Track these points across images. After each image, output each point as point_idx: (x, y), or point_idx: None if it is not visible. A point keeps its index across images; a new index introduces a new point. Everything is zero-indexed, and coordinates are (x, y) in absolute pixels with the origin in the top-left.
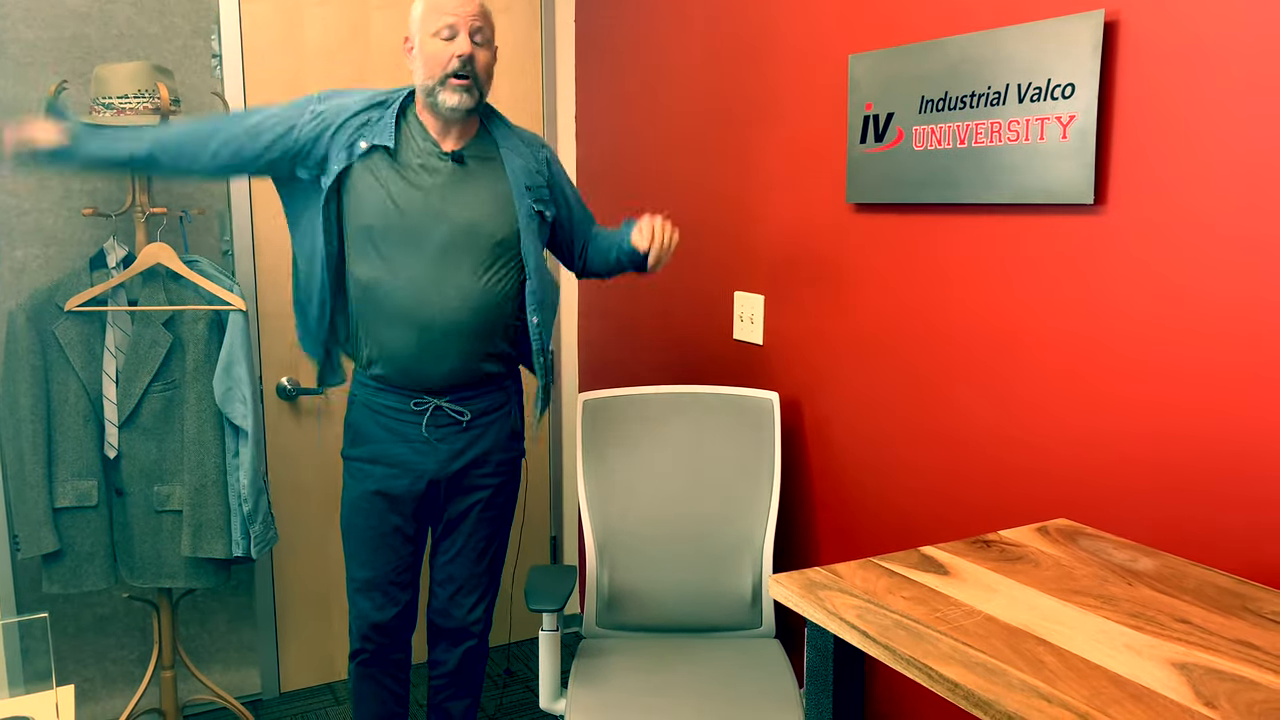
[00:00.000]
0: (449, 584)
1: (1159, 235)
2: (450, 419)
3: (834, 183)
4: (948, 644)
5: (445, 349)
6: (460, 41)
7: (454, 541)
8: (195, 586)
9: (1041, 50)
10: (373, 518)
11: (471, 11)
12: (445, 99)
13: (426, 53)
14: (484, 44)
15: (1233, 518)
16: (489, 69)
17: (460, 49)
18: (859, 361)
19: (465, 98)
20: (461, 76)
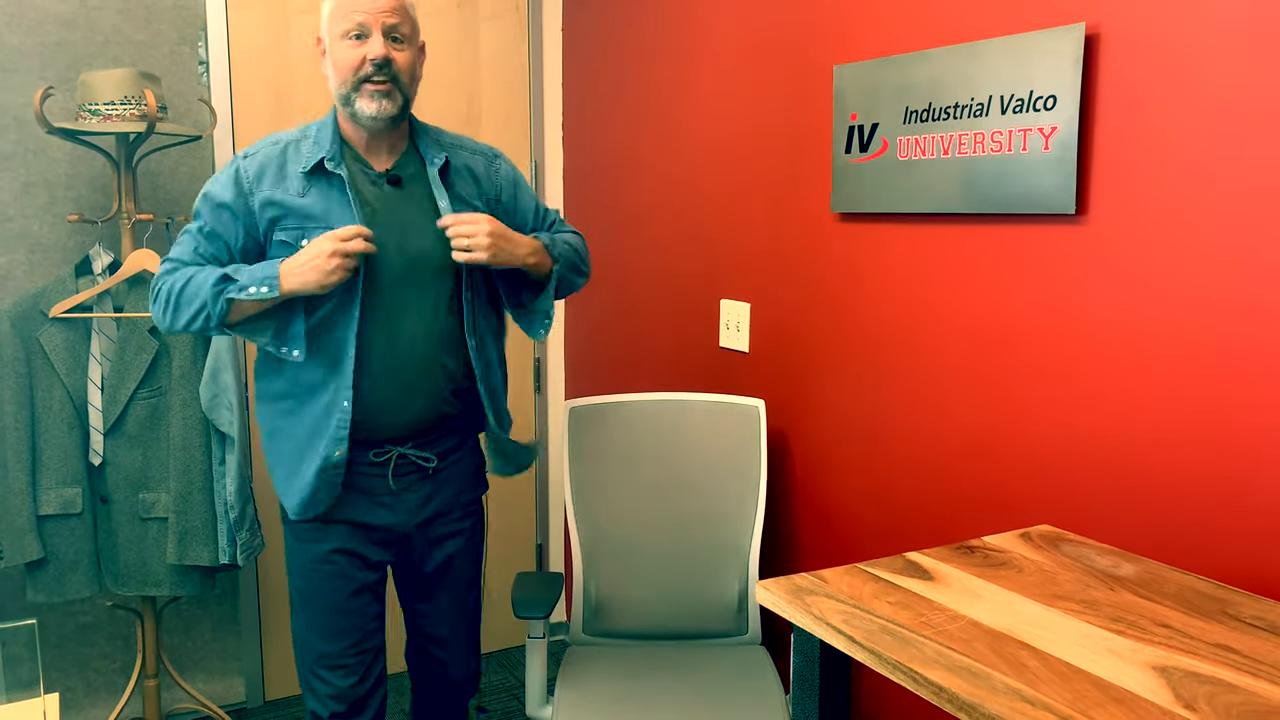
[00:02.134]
0: (438, 644)
1: (1139, 244)
2: (415, 467)
3: (819, 192)
4: (932, 648)
5: (409, 395)
6: (373, 43)
7: (437, 601)
8: (180, 594)
9: (1023, 62)
10: (338, 579)
11: (383, 7)
12: (363, 107)
13: (336, 57)
14: (403, 43)
15: (1213, 523)
16: (412, 71)
17: (373, 51)
18: (844, 369)
19: (386, 104)
20: (379, 80)
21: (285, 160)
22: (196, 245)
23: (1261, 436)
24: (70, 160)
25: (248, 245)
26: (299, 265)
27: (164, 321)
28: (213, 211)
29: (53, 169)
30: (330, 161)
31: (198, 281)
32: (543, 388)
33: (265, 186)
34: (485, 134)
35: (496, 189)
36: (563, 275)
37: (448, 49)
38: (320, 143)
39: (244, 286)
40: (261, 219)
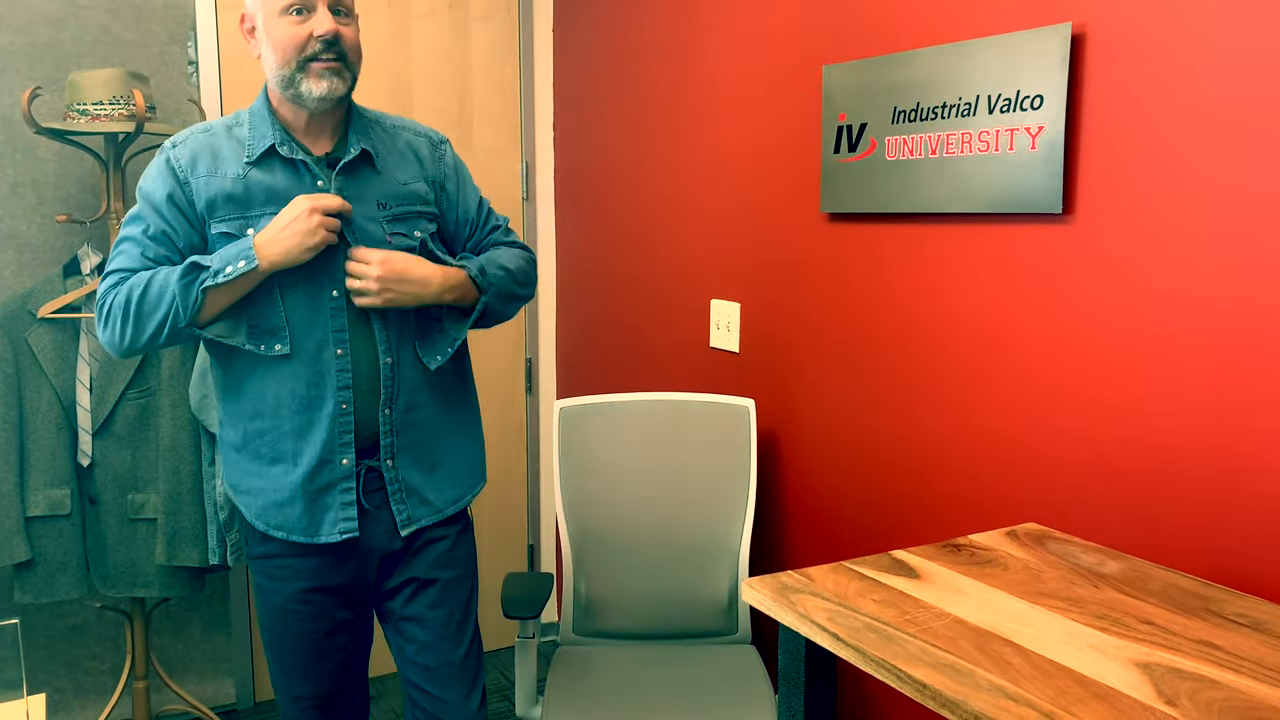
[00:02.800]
0: (433, 679)
1: (1126, 243)
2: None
3: (809, 192)
4: (916, 646)
5: (371, 398)
6: (319, 18)
7: (424, 625)
8: (169, 596)
9: (1010, 62)
10: (312, 620)
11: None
12: (311, 87)
13: (275, 35)
14: (348, 16)
15: (1198, 520)
16: (357, 47)
17: (320, 27)
18: (834, 369)
19: (336, 82)
20: (327, 58)
21: (218, 146)
22: (143, 249)
23: (1248, 435)
24: (59, 160)
25: (195, 240)
26: (275, 232)
27: (120, 341)
28: (153, 210)
29: (41, 169)
30: (283, 147)
31: (159, 282)
32: (534, 388)
33: (201, 170)
34: (477, 134)
35: (441, 175)
36: (489, 305)
37: (440, 50)
38: (258, 129)
39: (219, 269)
40: (202, 208)
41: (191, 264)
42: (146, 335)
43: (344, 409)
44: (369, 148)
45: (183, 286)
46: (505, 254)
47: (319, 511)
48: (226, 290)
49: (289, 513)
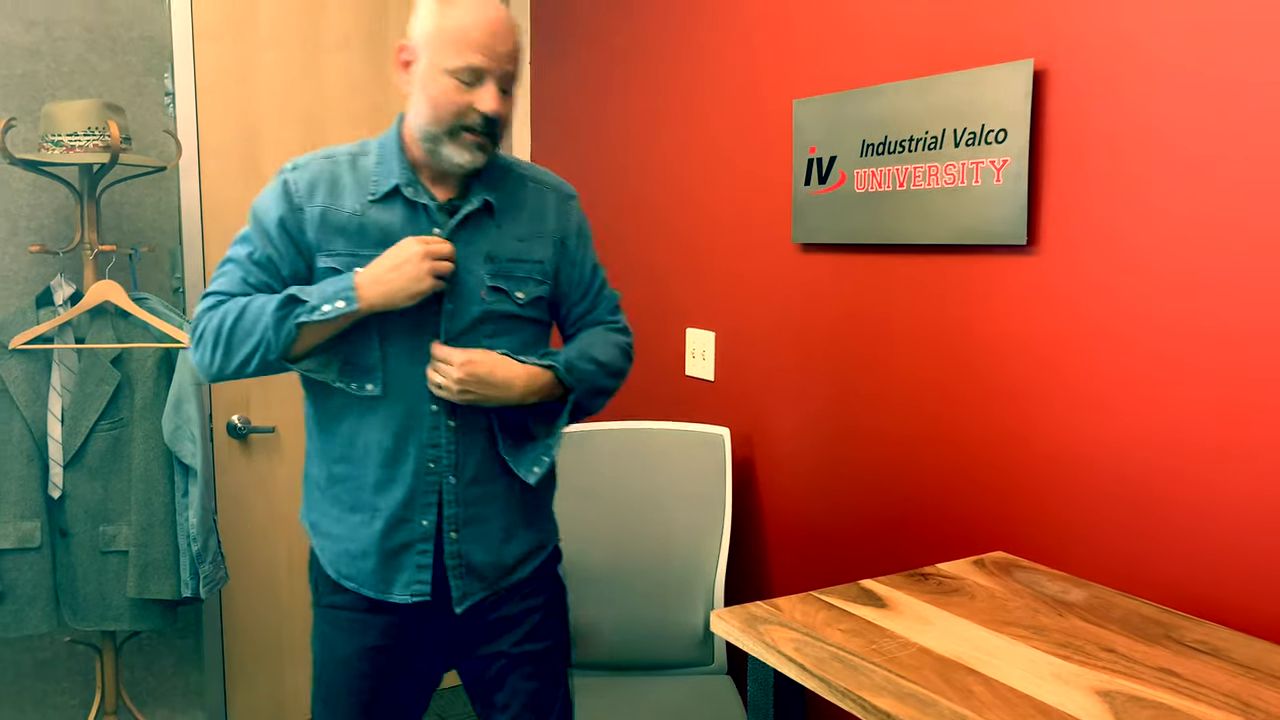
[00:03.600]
0: None
1: (1089, 275)
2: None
3: (781, 223)
4: (882, 675)
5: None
6: (485, 93)
7: (513, 697)
8: (141, 629)
9: (975, 97)
10: (375, 678)
11: (506, 51)
12: (451, 154)
13: (434, 91)
14: (511, 90)
15: (1162, 548)
16: (507, 124)
17: (485, 104)
18: (808, 397)
19: (478, 156)
20: (479, 133)
21: (339, 175)
22: (245, 275)
23: (1210, 464)
24: (33, 191)
25: (300, 270)
26: (381, 272)
27: (209, 365)
28: (261, 233)
29: (15, 200)
30: (408, 188)
31: (254, 311)
32: None
33: (319, 198)
34: None
35: (564, 231)
36: (580, 405)
37: None
38: (386, 164)
39: (315, 306)
40: (312, 237)
41: (289, 296)
42: (236, 363)
43: (430, 467)
44: (492, 199)
45: (277, 319)
46: (601, 341)
47: (393, 569)
48: (322, 326)
49: (362, 565)
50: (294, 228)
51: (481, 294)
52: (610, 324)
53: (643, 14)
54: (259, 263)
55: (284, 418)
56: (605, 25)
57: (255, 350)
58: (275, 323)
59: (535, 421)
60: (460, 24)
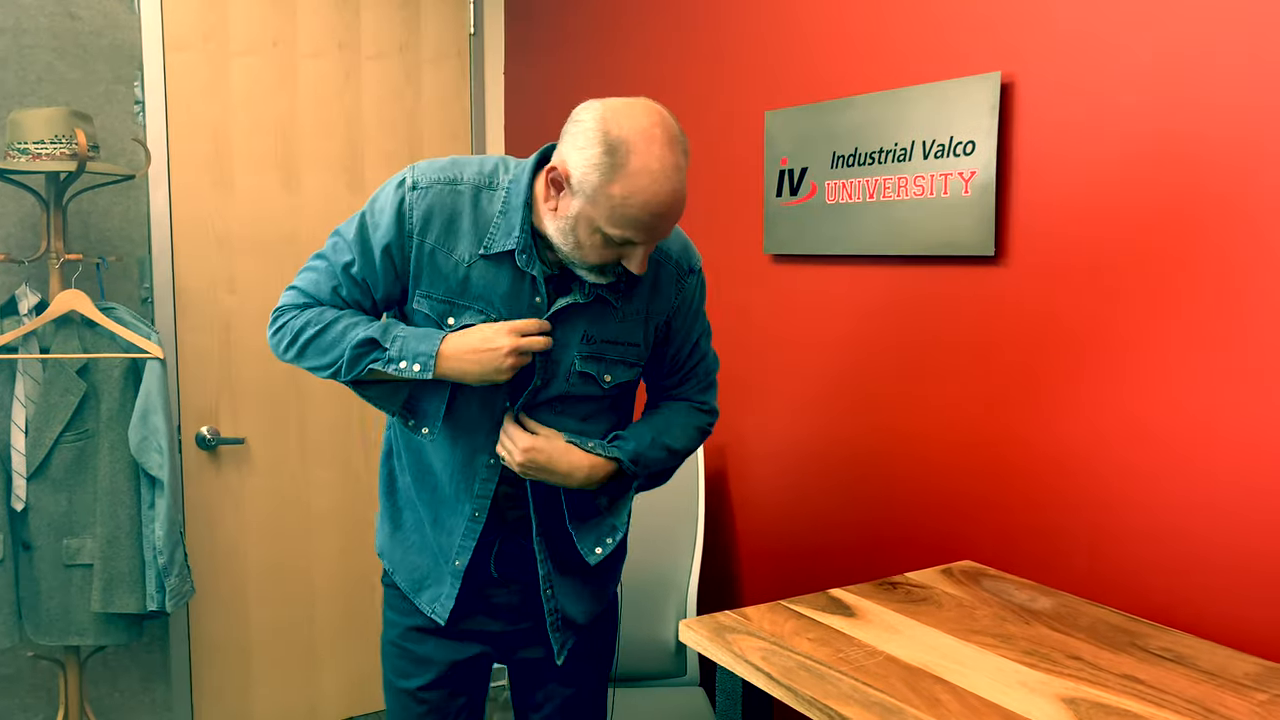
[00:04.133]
0: None
1: (1055, 285)
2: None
3: (752, 234)
4: (848, 684)
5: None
6: (636, 258)
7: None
8: (106, 643)
9: (944, 109)
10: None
11: (669, 227)
12: (585, 275)
13: (582, 237)
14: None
15: (1127, 556)
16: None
17: (634, 267)
18: (779, 408)
19: (601, 282)
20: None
21: (459, 212)
22: (336, 285)
23: (1174, 473)
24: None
25: (394, 295)
26: (465, 350)
27: (281, 355)
28: (365, 252)
29: None
30: (521, 256)
31: (336, 334)
32: None
33: (431, 236)
34: None
35: (674, 309)
36: (643, 485)
37: (391, 92)
38: (508, 218)
39: (394, 360)
40: (415, 270)
41: (370, 340)
42: (306, 366)
43: (476, 516)
44: (606, 290)
45: (354, 355)
46: (681, 424)
47: (428, 583)
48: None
49: (405, 573)
50: (399, 257)
51: (567, 376)
52: (698, 405)
53: (616, 24)
54: (355, 279)
55: (254, 429)
56: (578, 35)
57: (327, 368)
58: (351, 358)
59: (604, 497)
60: (630, 201)
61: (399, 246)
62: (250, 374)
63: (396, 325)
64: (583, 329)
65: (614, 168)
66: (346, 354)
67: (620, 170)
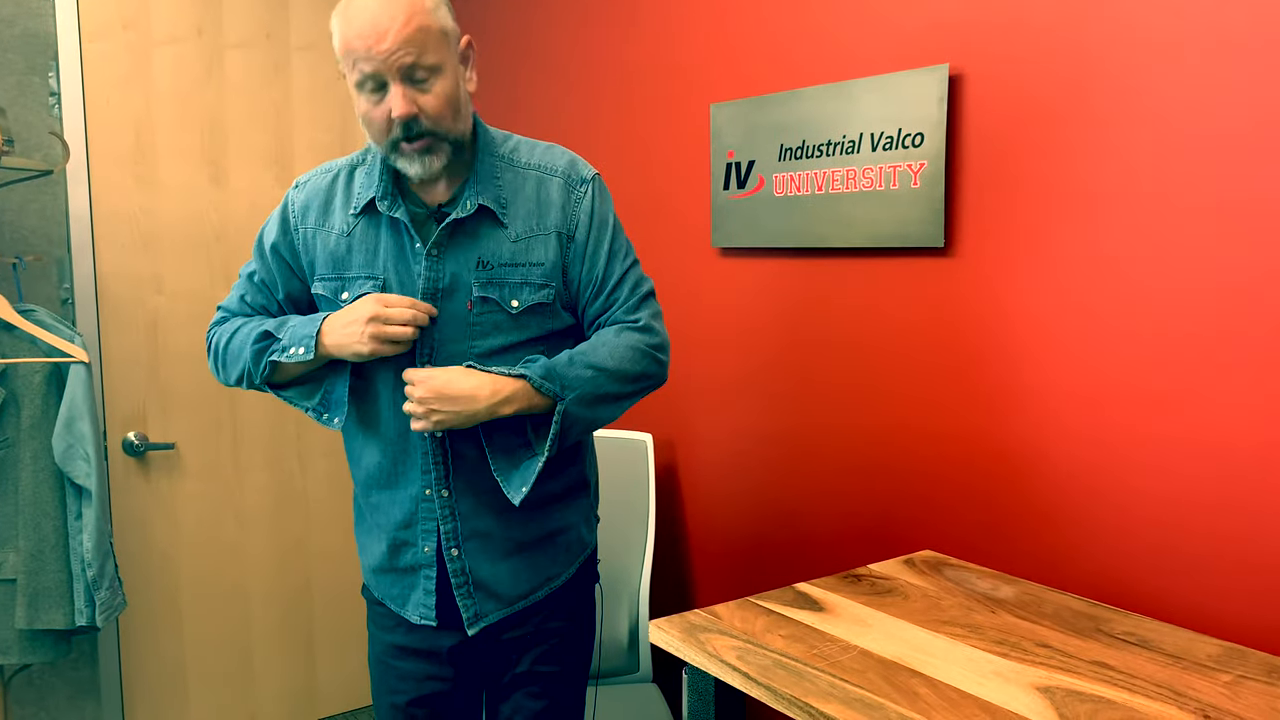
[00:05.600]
0: None
1: (1004, 275)
2: None
3: (700, 228)
4: (826, 681)
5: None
6: (393, 96)
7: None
8: (31, 661)
9: (892, 101)
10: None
11: (391, 46)
12: (405, 167)
13: (359, 111)
14: (432, 77)
15: (1084, 542)
16: (453, 102)
17: (397, 108)
18: (730, 402)
19: (431, 160)
20: (414, 139)
21: (333, 193)
22: (244, 293)
23: (1126, 458)
24: None
25: (294, 291)
26: (337, 325)
27: (217, 376)
28: (260, 256)
29: None
30: (383, 201)
31: (240, 339)
32: None
33: (310, 221)
34: None
35: (573, 223)
36: (574, 415)
37: (321, 83)
38: (372, 173)
39: (285, 347)
40: (306, 261)
41: (264, 332)
42: (233, 381)
43: (427, 494)
44: (489, 201)
45: (254, 353)
46: (608, 343)
47: (406, 589)
48: (296, 365)
49: (382, 580)
50: (288, 252)
51: (468, 305)
52: (629, 324)
53: (560, 17)
54: (257, 285)
55: (184, 433)
56: (516, 26)
57: (242, 375)
58: (253, 356)
59: (534, 436)
60: (344, 35)
61: (286, 244)
62: (179, 376)
63: (292, 316)
64: (475, 256)
65: (336, 19)
66: (249, 354)
67: (339, 16)
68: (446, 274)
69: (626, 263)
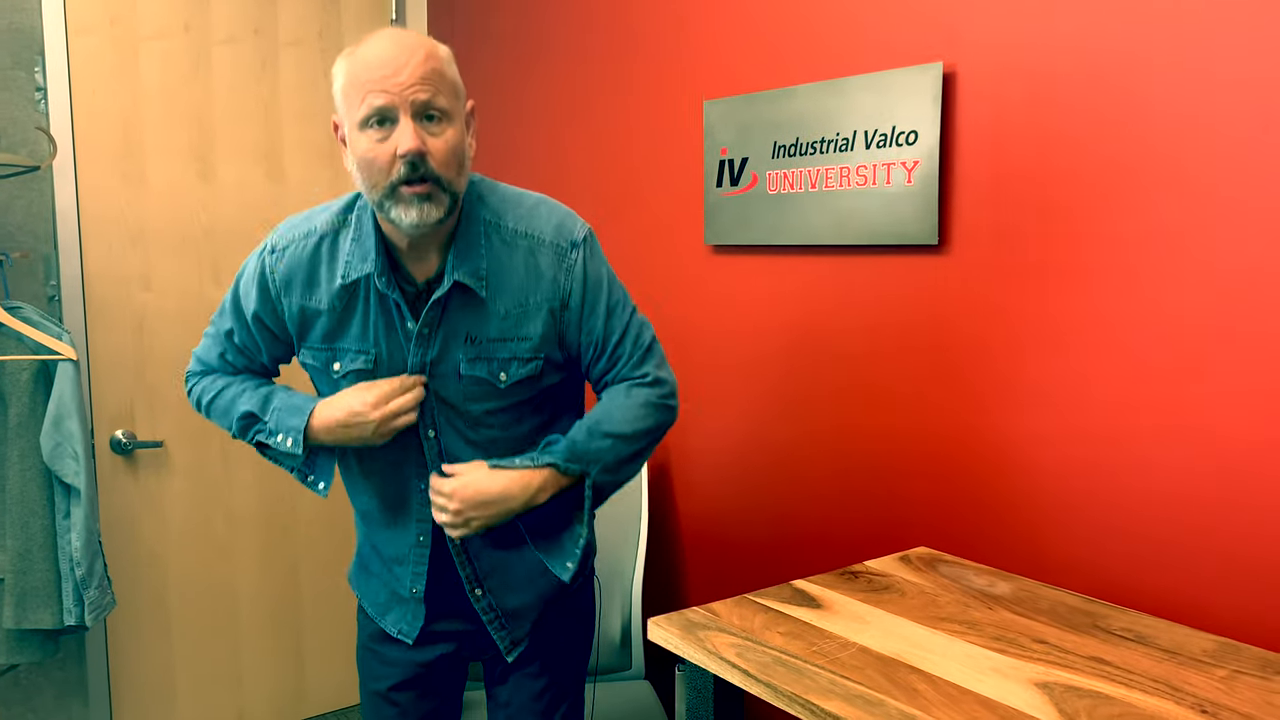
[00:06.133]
0: None
1: (1000, 274)
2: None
3: (693, 225)
4: (826, 678)
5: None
6: (402, 131)
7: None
8: (19, 661)
9: (886, 99)
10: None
11: (409, 79)
12: (400, 216)
13: (359, 152)
14: (443, 120)
15: (1079, 539)
16: (459, 154)
17: (404, 144)
18: (722, 399)
19: (429, 208)
20: (416, 181)
21: (317, 262)
22: (223, 351)
23: (1120, 455)
24: None
25: (280, 354)
26: (335, 425)
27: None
28: (238, 318)
29: None
30: (381, 278)
31: (224, 404)
32: None
33: (295, 294)
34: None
35: (565, 292)
36: (602, 483)
37: (309, 79)
38: (362, 244)
39: (272, 433)
40: (293, 329)
41: (250, 414)
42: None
43: (421, 541)
44: (470, 276)
45: (239, 428)
46: (620, 406)
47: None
48: None
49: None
50: (271, 320)
51: (458, 375)
52: (636, 380)
53: (548, 12)
54: (238, 346)
55: (172, 431)
56: (507, 23)
57: (230, 433)
58: (238, 430)
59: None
60: (353, 71)
61: (269, 313)
62: (167, 374)
63: (277, 394)
64: (464, 332)
65: (344, 60)
66: (235, 426)
67: (347, 57)
68: (436, 348)
69: (625, 317)
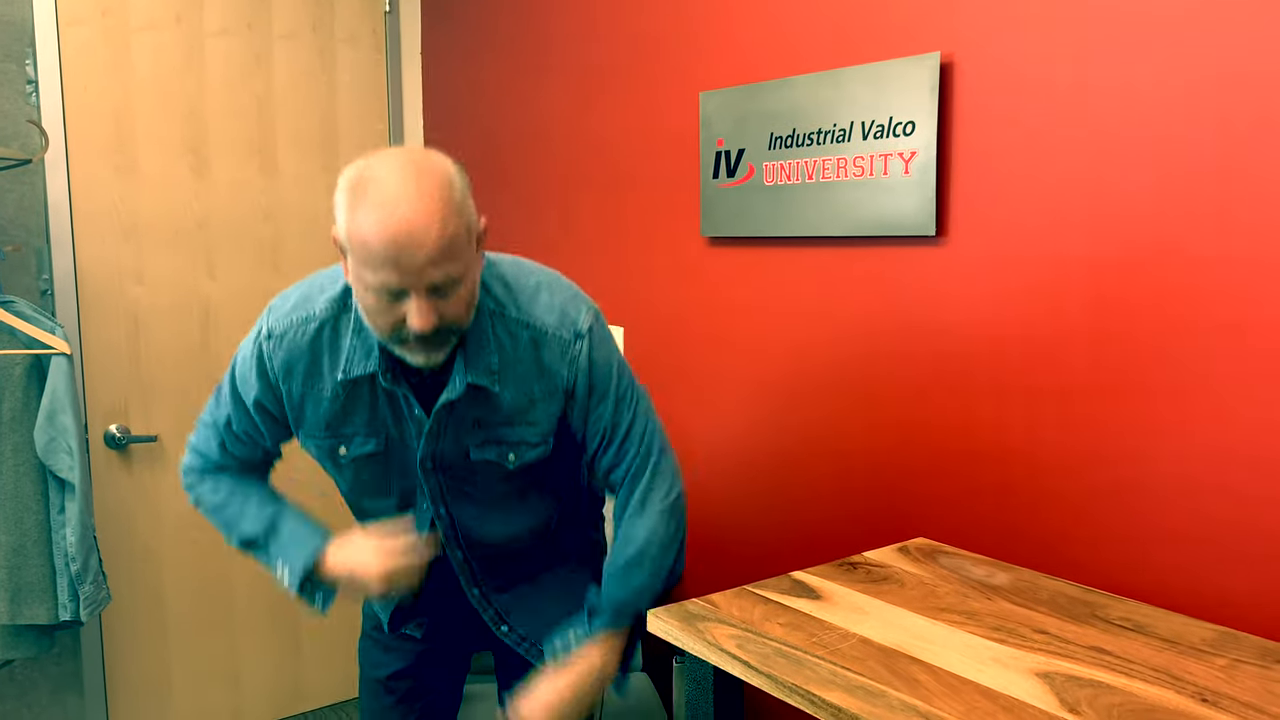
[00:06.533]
0: None
1: (998, 265)
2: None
3: (689, 217)
4: (827, 669)
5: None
6: (413, 308)
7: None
8: (13, 657)
9: (883, 89)
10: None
11: (424, 259)
12: (406, 355)
13: (364, 304)
14: (451, 285)
15: (1076, 529)
16: (471, 301)
17: (416, 322)
18: (720, 391)
19: (435, 355)
20: (423, 341)
21: (319, 351)
22: (222, 441)
23: (1118, 446)
24: None
25: (280, 436)
26: (344, 574)
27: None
28: (238, 406)
29: None
30: (386, 375)
31: (228, 517)
32: None
33: (297, 382)
34: (343, 160)
35: (570, 381)
36: (642, 617)
37: (303, 72)
38: (364, 341)
39: (273, 564)
40: (293, 416)
41: (251, 540)
42: None
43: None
44: (483, 374)
45: (240, 545)
46: (642, 538)
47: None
48: None
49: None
50: (273, 406)
51: (465, 454)
52: (648, 494)
53: (547, 5)
54: (239, 434)
55: (166, 426)
56: (501, 14)
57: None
58: (240, 546)
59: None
60: (364, 238)
61: (271, 399)
62: (161, 368)
63: (283, 520)
64: (472, 418)
65: (354, 204)
66: (236, 543)
67: (359, 204)
68: (447, 437)
69: (633, 409)
